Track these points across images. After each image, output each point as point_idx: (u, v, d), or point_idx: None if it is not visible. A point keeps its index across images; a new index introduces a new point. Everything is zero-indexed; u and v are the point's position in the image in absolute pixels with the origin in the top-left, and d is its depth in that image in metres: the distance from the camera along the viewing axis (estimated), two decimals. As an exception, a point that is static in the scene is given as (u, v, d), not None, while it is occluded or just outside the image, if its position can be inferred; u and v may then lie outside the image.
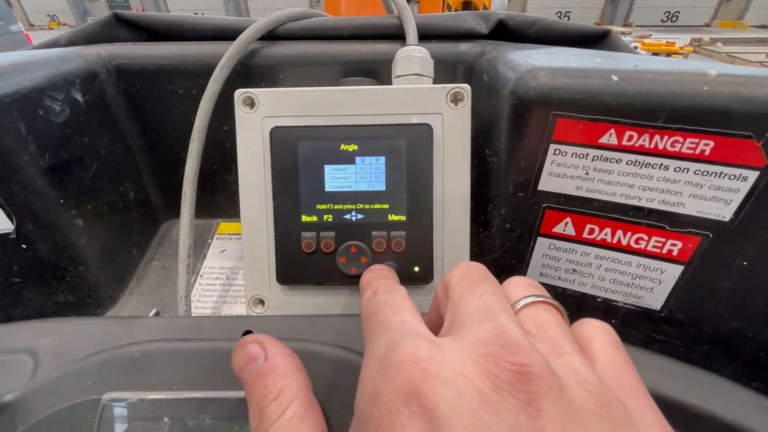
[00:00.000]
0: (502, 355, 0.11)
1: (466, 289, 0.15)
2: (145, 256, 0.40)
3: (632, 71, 0.22)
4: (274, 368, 0.15)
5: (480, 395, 0.10)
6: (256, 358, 0.16)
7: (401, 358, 0.12)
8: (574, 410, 0.11)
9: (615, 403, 0.12)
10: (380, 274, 0.21)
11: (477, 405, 0.10)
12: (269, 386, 0.15)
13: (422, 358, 0.11)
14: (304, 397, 0.15)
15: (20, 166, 0.28)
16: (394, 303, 0.16)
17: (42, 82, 0.29)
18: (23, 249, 0.30)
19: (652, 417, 0.12)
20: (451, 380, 0.11)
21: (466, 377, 0.11)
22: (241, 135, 0.28)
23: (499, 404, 0.10)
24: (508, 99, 0.25)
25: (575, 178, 0.25)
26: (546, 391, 0.10)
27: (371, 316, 0.16)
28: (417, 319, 0.15)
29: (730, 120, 0.20)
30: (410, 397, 0.11)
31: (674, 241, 0.24)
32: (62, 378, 0.21)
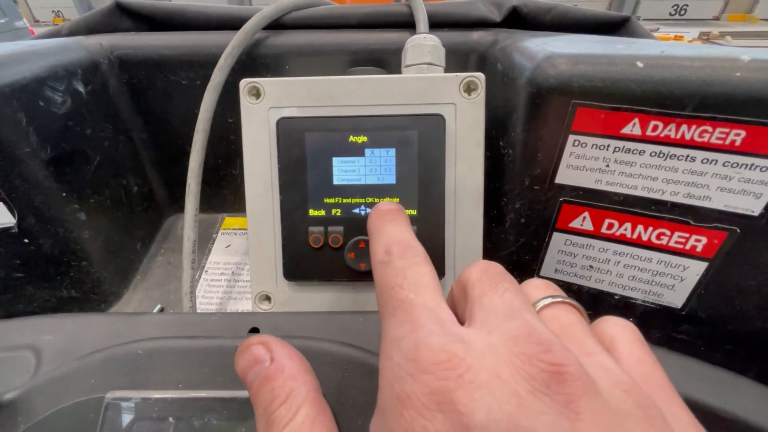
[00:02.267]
0: (536, 354, 0.11)
1: (487, 287, 0.14)
2: (149, 251, 0.40)
3: (659, 57, 0.21)
4: (281, 371, 0.14)
5: (517, 398, 0.10)
6: (261, 361, 0.15)
7: (433, 362, 0.11)
8: (612, 412, 0.10)
9: (651, 404, 0.11)
10: (390, 216, 0.19)
11: (514, 409, 0.10)
12: (276, 390, 0.14)
13: (456, 364, 0.11)
14: (313, 400, 0.14)
15: (21, 159, 0.27)
16: (413, 276, 0.15)
17: (43, 73, 0.28)
18: (25, 243, 0.30)
19: (686, 418, 0.12)
20: (487, 384, 0.10)
21: (501, 379, 0.10)
22: (247, 126, 0.27)
23: (536, 407, 0.10)
24: (524, 88, 0.24)
25: (595, 170, 0.24)
26: (584, 393, 0.10)
27: (388, 290, 0.15)
28: (440, 300, 0.14)
29: (764, 108, 0.19)
30: (444, 403, 0.10)
31: (699, 237, 0.23)
32: (65, 376, 0.21)
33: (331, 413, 0.15)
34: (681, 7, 10.21)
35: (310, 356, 0.18)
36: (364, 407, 0.18)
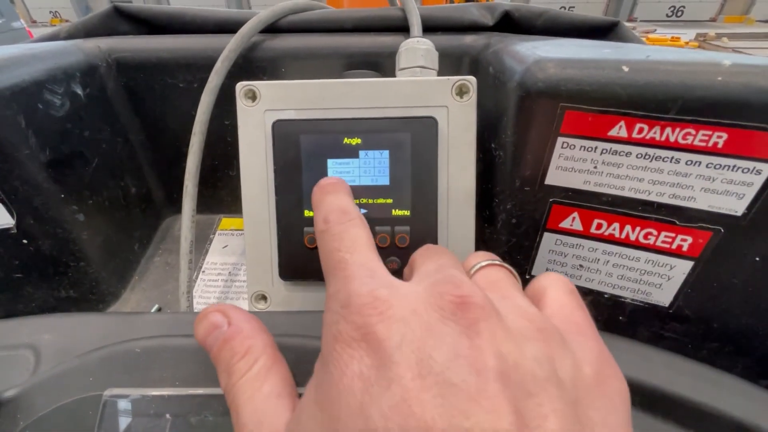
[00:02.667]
0: (448, 290, 0.13)
1: (425, 258, 0.17)
2: (147, 252, 0.40)
3: (643, 62, 0.21)
4: (239, 331, 0.16)
5: (426, 326, 0.12)
6: (219, 326, 0.16)
7: (361, 305, 0.13)
8: (511, 333, 0.12)
9: (551, 329, 0.13)
10: (330, 189, 0.20)
11: (423, 333, 0.12)
12: (236, 348, 0.15)
13: (379, 304, 0.13)
14: (270, 352, 0.16)
15: (20, 161, 0.28)
16: (349, 239, 0.16)
17: (41, 76, 0.29)
18: (24, 244, 0.30)
19: (591, 344, 0.13)
20: (403, 318, 0.12)
21: (416, 313, 0.12)
22: (243, 128, 0.27)
23: (442, 331, 0.12)
24: (514, 91, 0.25)
25: (583, 171, 0.24)
26: (485, 317, 0.12)
27: (328, 254, 0.16)
28: (373, 256, 0.16)
29: (744, 111, 0.20)
30: (368, 334, 0.12)
31: (684, 237, 0.24)
32: (64, 374, 0.21)
33: (287, 364, 0.16)
34: (678, 9, 10.25)
35: (305, 353, 0.18)
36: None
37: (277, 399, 0.14)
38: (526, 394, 0.10)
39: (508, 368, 0.11)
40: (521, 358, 0.11)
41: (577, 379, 0.12)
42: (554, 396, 0.11)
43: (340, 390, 0.11)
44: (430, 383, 0.10)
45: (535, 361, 0.11)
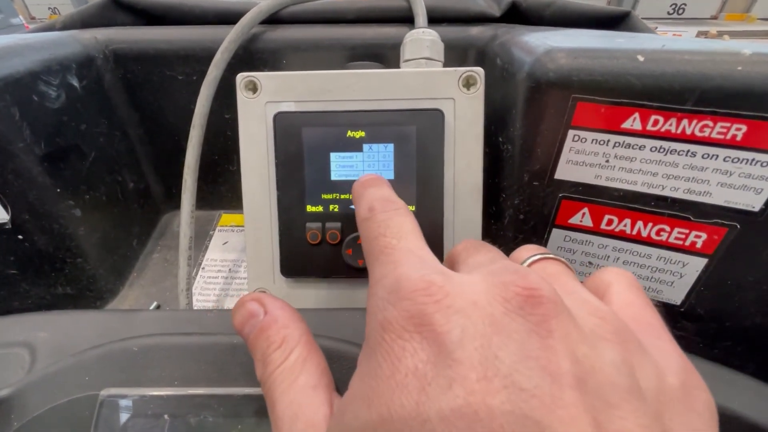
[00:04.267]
0: (513, 281, 0.11)
1: (472, 251, 0.16)
2: (146, 248, 0.39)
3: (659, 51, 0.21)
4: (275, 320, 0.15)
5: (491, 319, 0.10)
6: (255, 315, 0.16)
7: (412, 290, 0.12)
8: (585, 333, 0.11)
9: (628, 332, 0.11)
10: (373, 182, 0.19)
11: (488, 328, 0.10)
12: (272, 337, 0.15)
13: (434, 291, 0.11)
14: (305, 342, 0.15)
15: (14, 154, 0.27)
16: (395, 225, 0.15)
17: (36, 67, 0.28)
18: (19, 240, 0.29)
19: (670, 348, 0.12)
20: (463, 308, 0.11)
21: (478, 305, 0.11)
22: (243, 121, 0.27)
23: (509, 326, 0.10)
24: (523, 83, 0.24)
25: (594, 165, 0.24)
26: (556, 314, 0.10)
27: (372, 240, 0.15)
28: (422, 244, 0.15)
29: (765, 103, 0.19)
30: (422, 324, 0.11)
31: (698, 233, 0.23)
32: (59, 373, 0.21)
33: (322, 354, 0.16)
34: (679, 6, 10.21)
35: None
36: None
37: (313, 391, 0.14)
38: (606, 404, 0.09)
39: (584, 374, 0.10)
40: (599, 363, 0.10)
41: (660, 391, 0.11)
42: (638, 409, 0.10)
43: (392, 387, 0.10)
44: (497, 387, 0.09)
45: (614, 366, 0.10)
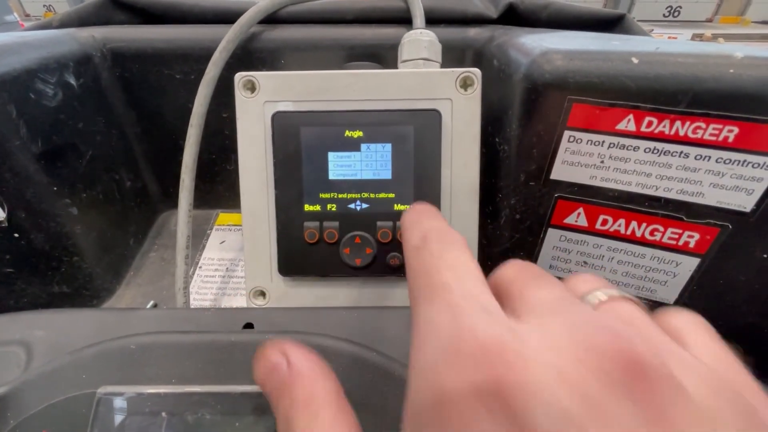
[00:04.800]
0: (605, 342, 0.09)
1: (528, 281, 0.13)
2: (143, 247, 0.39)
3: (653, 53, 0.21)
4: (299, 376, 0.14)
5: (588, 401, 0.08)
6: (278, 368, 0.14)
7: (476, 347, 0.09)
8: (703, 416, 0.08)
9: (750, 407, 0.09)
10: (429, 212, 0.17)
11: (585, 412, 0.08)
12: (296, 395, 0.13)
13: (510, 357, 0.09)
14: (332, 402, 0.13)
15: (11, 151, 0.27)
16: (452, 259, 0.13)
17: (33, 65, 0.28)
18: (16, 238, 0.29)
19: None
20: (546, 382, 0.08)
21: (566, 377, 0.08)
22: (242, 120, 0.27)
23: (614, 412, 0.08)
24: (520, 84, 0.24)
25: (590, 166, 0.24)
26: (670, 391, 0.08)
27: (423, 273, 0.13)
28: (484, 287, 0.12)
29: (756, 105, 0.19)
30: (494, 401, 0.08)
31: (691, 233, 0.23)
32: (56, 371, 0.21)
33: (353, 414, 0.14)
34: (675, 9, 10.28)
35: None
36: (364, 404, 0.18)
37: None
38: None
39: None
40: None
41: None
42: None
43: None
44: None
45: None
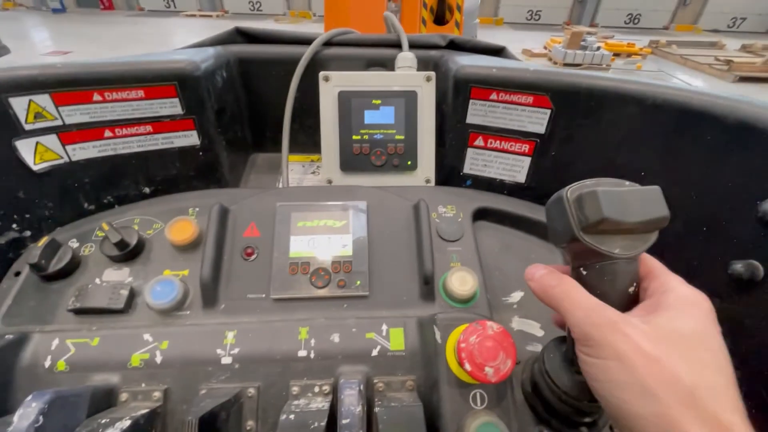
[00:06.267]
0: None
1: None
2: (245, 170, 0.68)
3: (504, 67, 0.51)
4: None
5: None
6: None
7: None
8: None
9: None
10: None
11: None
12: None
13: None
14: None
15: (206, 108, 0.55)
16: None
17: (212, 66, 0.56)
18: (200, 155, 0.57)
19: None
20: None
21: None
22: (323, 96, 0.56)
23: None
24: (452, 78, 0.54)
25: (482, 115, 0.54)
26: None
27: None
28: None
29: (538, 87, 0.50)
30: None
31: (523, 145, 0.54)
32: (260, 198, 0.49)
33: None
34: (635, 17, 10.95)
35: (358, 192, 0.47)
36: (380, 215, 0.48)
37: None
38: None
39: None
40: None
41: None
42: None
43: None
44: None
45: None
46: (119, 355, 0.40)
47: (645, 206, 0.27)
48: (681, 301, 0.26)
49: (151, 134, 0.53)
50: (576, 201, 0.28)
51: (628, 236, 0.28)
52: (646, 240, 0.28)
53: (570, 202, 0.28)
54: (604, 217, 0.26)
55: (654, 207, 0.27)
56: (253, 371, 0.40)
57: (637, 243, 0.28)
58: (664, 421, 0.22)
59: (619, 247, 0.28)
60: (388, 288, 0.46)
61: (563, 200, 0.28)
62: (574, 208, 0.28)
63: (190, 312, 0.44)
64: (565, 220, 0.28)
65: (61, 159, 0.50)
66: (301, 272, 0.46)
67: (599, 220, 0.26)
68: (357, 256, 0.47)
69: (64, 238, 0.48)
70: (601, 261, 0.28)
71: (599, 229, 0.27)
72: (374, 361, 0.41)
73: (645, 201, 0.27)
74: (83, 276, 0.46)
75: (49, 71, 0.46)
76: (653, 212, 0.27)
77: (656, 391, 0.23)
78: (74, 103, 0.48)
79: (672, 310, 0.26)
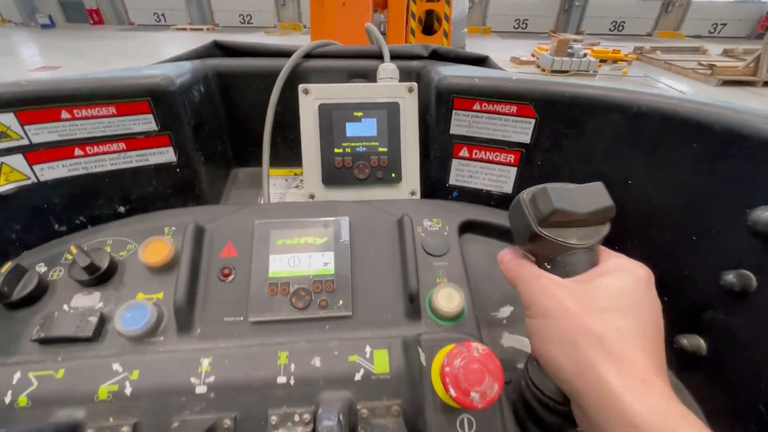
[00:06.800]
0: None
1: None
2: (226, 186, 0.66)
3: (486, 76, 0.51)
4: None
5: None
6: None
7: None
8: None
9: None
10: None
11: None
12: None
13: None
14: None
15: (183, 123, 0.53)
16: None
17: (189, 80, 0.54)
18: (177, 172, 0.55)
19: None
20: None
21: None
22: (302, 108, 0.54)
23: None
24: (435, 89, 0.53)
25: (466, 126, 0.53)
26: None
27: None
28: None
29: (521, 97, 0.49)
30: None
31: (508, 155, 0.53)
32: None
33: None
34: (619, 24, 11.21)
35: (340, 208, 0.46)
36: (365, 228, 0.46)
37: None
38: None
39: None
40: None
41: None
42: None
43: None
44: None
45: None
46: (86, 387, 0.38)
47: (591, 199, 0.30)
48: (613, 267, 0.30)
49: (124, 151, 0.51)
50: (530, 200, 0.31)
51: (582, 228, 0.31)
52: (599, 231, 0.31)
53: (526, 203, 0.31)
54: (555, 209, 0.29)
55: (599, 199, 0.30)
56: (229, 400, 0.38)
57: (592, 233, 0.31)
58: (579, 363, 0.26)
59: (575, 237, 0.30)
60: (372, 307, 0.44)
61: (520, 202, 0.32)
62: (530, 207, 0.31)
63: (164, 338, 0.42)
64: (523, 218, 0.31)
65: (29, 179, 0.48)
66: (280, 293, 0.44)
67: (551, 212, 0.29)
68: (339, 274, 0.45)
69: (31, 263, 0.46)
70: (562, 253, 0.31)
71: (553, 221, 0.30)
72: (358, 385, 0.39)
73: (591, 194, 0.31)
74: (50, 302, 0.44)
75: (13, 89, 0.44)
76: (599, 203, 0.30)
77: (574, 338, 0.27)
78: (41, 122, 0.46)
79: (604, 275, 0.29)
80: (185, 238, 0.45)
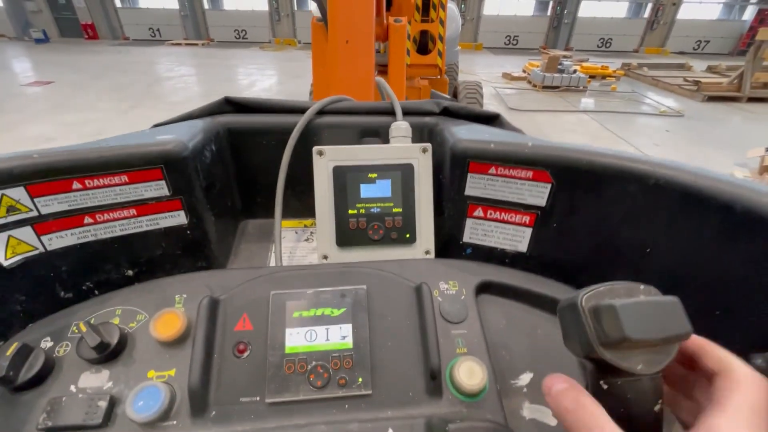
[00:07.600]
0: None
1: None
2: (235, 240, 0.64)
3: (502, 141, 0.51)
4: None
5: None
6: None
7: None
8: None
9: None
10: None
11: None
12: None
13: None
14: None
15: (194, 187, 0.52)
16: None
17: (201, 142, 0.54)
18: (187, 234, 0.54)
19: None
20: None
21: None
22: (317, 169, 0.54)
23: None
24: (449, 151, 0.53)
25: (481, 188, 0.53)
26: None
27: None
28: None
29: (537, 162, 0.49)
30: None
31: (524, 216, 0.53)
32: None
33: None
34: (606, 41, 11.51)
35: (357, 274, 0.45)
36: (383, 298, 0.46)
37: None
38: None
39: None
40: None
41: None
42: None
43: None
44: None
45: None
46: (95, 483, 0.36)
47: (666, 321, 0.27)
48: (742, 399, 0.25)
49: (135, 217, 0.50)
50: (593, 313, 0.27)
51: (650, 350, 0.27)
52: (669, 352, 0.27)
53: (586, 313, 0.27)
54: (626, 337, 0.25)
55: (675, 322, 0.27)
56: None
57: (661, 357, 0.27)
58: None
59: (641, 362, 0.27)
60: (392, 384, 0.43)
61: (578, 309, 0.28)
62: (592, 321, 0.27)
63: (177, 422, 0.40)
64: (581, 331, 0.27)
65: (36, 250, 0.46)
66: (298, 370, 0.43)
67: (620, 339, 0.25)
68: (358, 348, 0.44)
69: (36, 338, 0.44)
70: (624, 377, 0.27)
71: (620, 346, 0.26)
72: (381, 473, 0.37)
73: (666, 314, 0.27)
74: (57, 382, 0.42)
75: (24, 162, 0.43)
76: (675, 328, 0.27)
77: None
78: (52, 194, 0.45)
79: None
80: (199, 315, 0.44)
